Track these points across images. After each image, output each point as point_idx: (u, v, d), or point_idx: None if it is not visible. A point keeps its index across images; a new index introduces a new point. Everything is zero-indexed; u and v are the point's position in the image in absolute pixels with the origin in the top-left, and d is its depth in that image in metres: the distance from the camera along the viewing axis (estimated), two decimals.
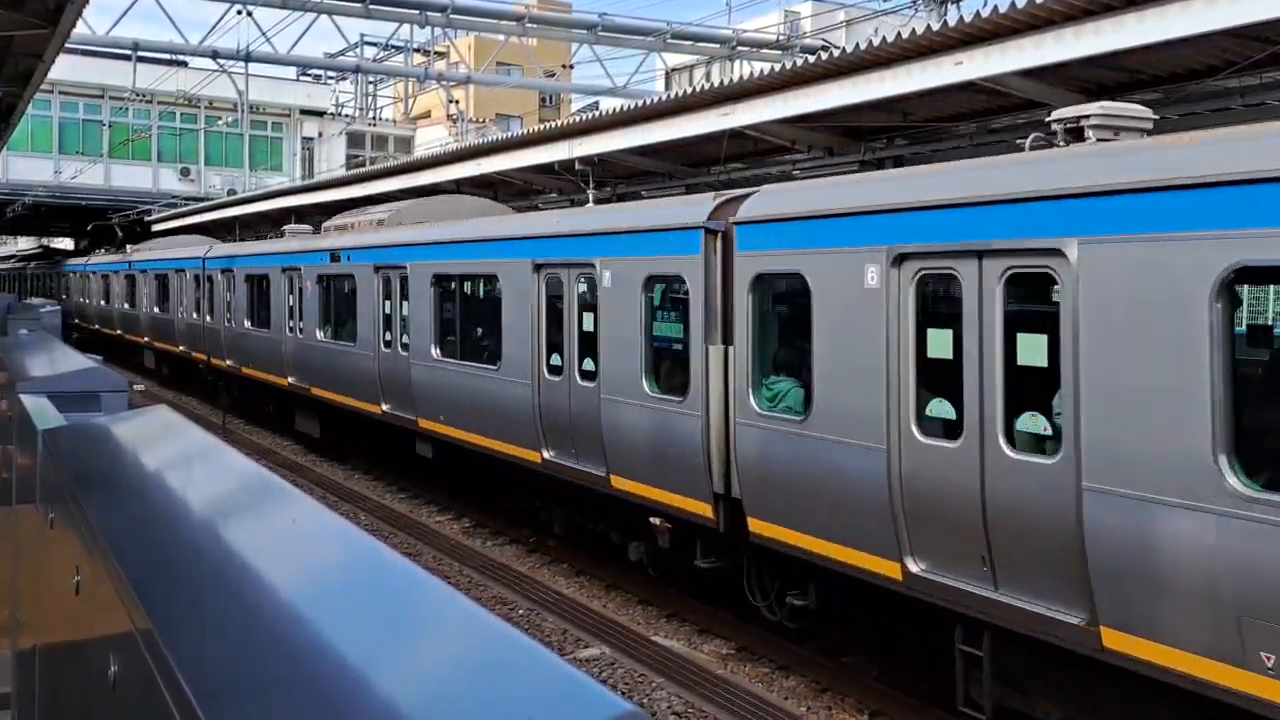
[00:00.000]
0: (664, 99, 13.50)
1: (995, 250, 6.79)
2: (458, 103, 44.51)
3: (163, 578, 2.04)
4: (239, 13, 26.96)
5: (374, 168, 25.41)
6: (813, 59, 10.80)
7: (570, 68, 41.42)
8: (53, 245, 58.75)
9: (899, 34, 9.56)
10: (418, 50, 41.85)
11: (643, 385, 10.06)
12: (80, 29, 18.98)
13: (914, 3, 20.86)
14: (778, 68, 11.37)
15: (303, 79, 46.57)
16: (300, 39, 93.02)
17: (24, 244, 67.32)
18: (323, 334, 17.92)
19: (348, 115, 47.97)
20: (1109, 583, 6.03)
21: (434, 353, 14.04)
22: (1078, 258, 6.18)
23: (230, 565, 1.93)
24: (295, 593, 1.71)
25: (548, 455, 11.61)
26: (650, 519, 10.26)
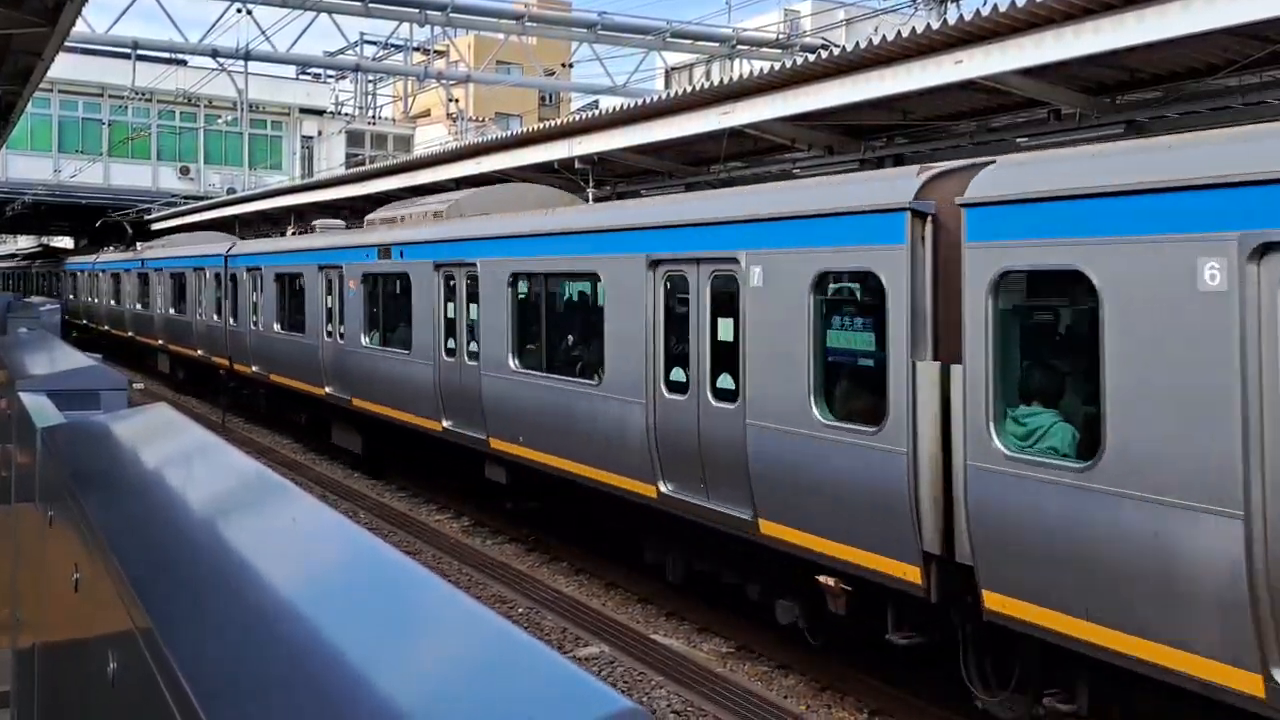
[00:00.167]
0: (664, 98, 13.49)
1: None
2: (457, 101, 44.51)
3: (162, 576, 2.04)
4: (238, 11, 26.96)
5: (371, 167, 25.39)
6: (812, 58, 10.79)
7: (570, 66, 41.40)
8: (53, 244, 58.73)
9: (899, 33, 9.55)
10: (417, 49, 41.82)
11: (810, 410, 8.10)
12: (79, 27, 18.97)
13: (914, 1, 20.86)
14: (777, 66, 11.37)
15: (302, 78, 46.63)
16: (300, 38, 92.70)
17: (24, 242, 67.33)
18: (368, 339, 16.07)
19: (347, 114, 48.00)
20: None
21: (512, 363, 12.21)
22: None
23: (230, 563, 1.93)
24: (295, 591, 1.71)
25: (666, 489, 9.75)
26: (817, 577, 8.27)
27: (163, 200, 38.05)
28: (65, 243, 56.89)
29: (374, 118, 50.08)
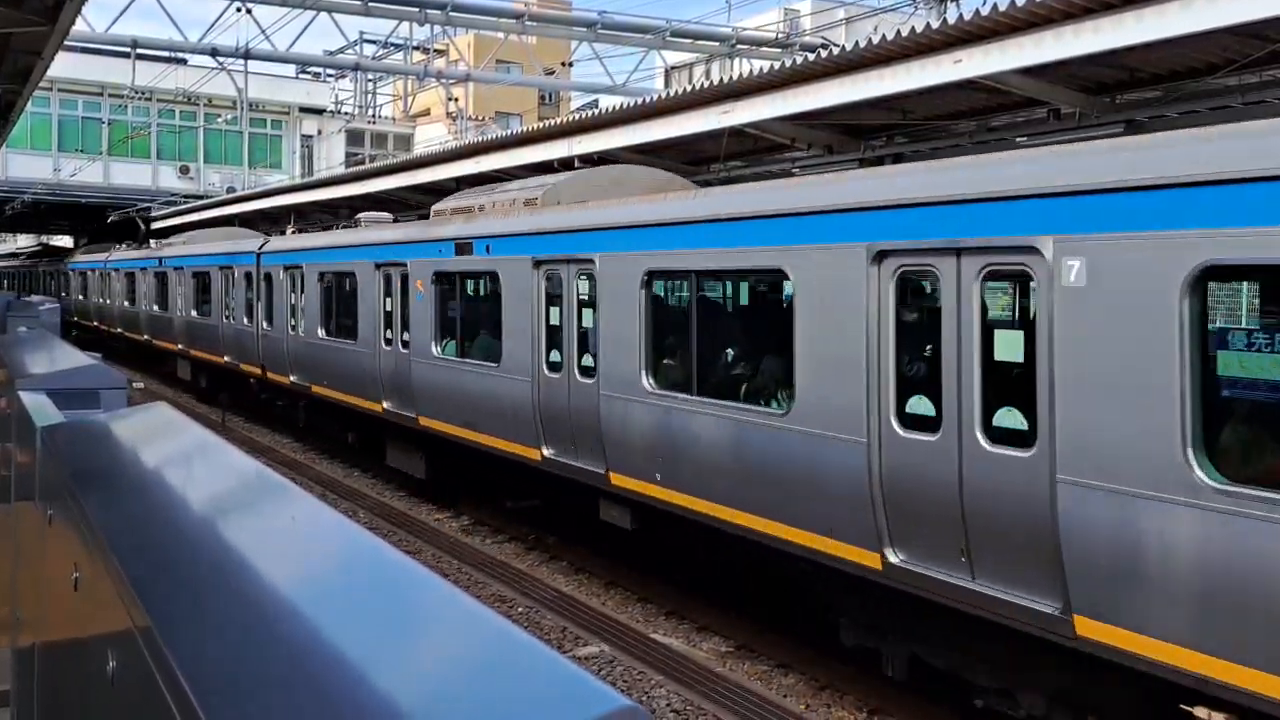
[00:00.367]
0: (663, 97, 13.49)
1: None
2: (457, 100, 44.49)
3: (162, 575, 2.04)
4: (238, 10, 26.92)
5: (368, 166, 25.37)
6: (812, 57, 10.79)
7: (570, 65, 41.35)
8: (52, 243, 58.66)
9: (898, 32, 9.55)
10: (417, 48, 41.87)
11: (1189, 468, 5.65)
12: (79, 26, 18.98)
13: (913, 1, 20.86)
14: (777, 66, 11.37)
15: (302, 77, 46.66)
16: (299, 37, 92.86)
17: (24, 241, 67.33)
18: (440, 349, 13.89)
19: (347, 113, 48.04)
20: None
21: (646, 383, 10.04)
22: None
23: (229, 562, 1.93)
24: (294, 590, 1.71)
25: (896, 558, 7.50)
26: (1182, 707, 5.86)
27: (162, 199, 38.07)
28: (65, 242, 56.82)
29: (374, 117, 50.13)
